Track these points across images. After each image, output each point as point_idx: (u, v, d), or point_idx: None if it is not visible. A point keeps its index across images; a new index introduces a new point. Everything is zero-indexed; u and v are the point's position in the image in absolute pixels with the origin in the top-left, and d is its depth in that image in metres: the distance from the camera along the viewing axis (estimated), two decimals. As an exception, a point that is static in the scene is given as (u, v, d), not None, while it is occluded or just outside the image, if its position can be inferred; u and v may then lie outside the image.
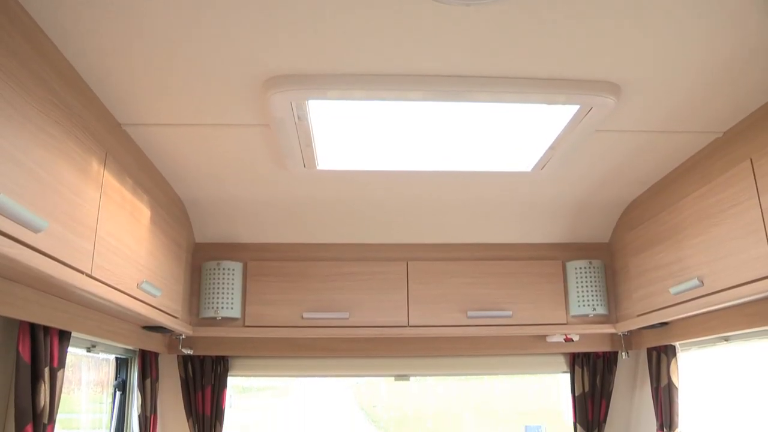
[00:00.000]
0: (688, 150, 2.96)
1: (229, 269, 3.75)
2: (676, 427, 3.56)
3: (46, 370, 2.39)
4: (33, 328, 2.35)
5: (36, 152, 1.87)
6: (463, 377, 5.86)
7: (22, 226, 1.74)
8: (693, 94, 2.40)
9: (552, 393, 5.33)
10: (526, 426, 6.31)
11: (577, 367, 4.11)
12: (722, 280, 2.69)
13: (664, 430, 3.58)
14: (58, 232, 1.99)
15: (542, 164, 3.01)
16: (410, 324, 3.78)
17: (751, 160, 2.49)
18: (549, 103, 2.38)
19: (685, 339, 3.42)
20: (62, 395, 2.47)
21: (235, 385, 4.89)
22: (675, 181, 3.17)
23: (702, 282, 2.82)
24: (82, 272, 2.18)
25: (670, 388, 3.58)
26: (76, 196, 2.14)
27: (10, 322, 2.37)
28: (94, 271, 2.26)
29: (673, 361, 3.59)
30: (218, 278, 3.73)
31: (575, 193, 3.53)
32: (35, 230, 1.79)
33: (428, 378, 5.09)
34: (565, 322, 3.85)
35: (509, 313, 3.78)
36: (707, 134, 2.79)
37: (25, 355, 2.30)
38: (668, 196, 3.22)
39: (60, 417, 3.12)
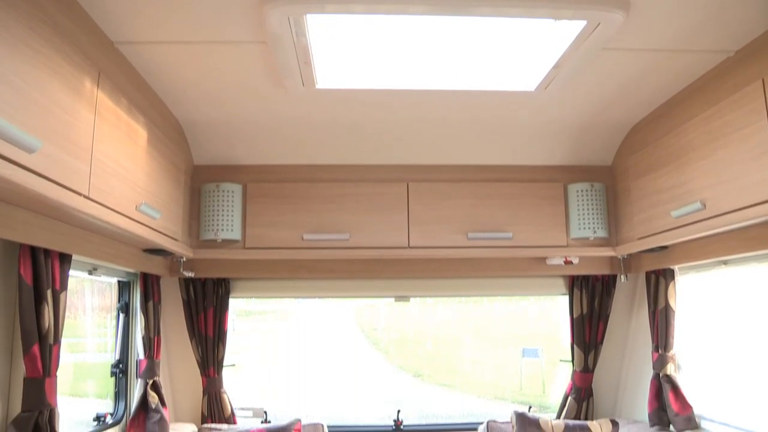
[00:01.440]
0: (697, 70, 2.88)
1: (228, 191, 3.73)
2: (671, 348, 3.63)
3: (49, 293, 2.41)
4: (34, 251, 2.35)
5: (25, 71, 1.81)
6: (462, 299, 5.93)
7: (15, 146, 1.70)
8: (705, 11, 2.31)
9: (550, 316, 5.40)
10: (523, 348, 6.45)
11: (576, 290, 4.15)
12: (725, 204, 2.67)
13: (660, 351, 3.65)
14: (52, 153, 1.95)
15: (546, 83, 2.94)
16: (410, 245, 3.79)
17: (762, 80, 2.42)
18: (555, 18, 2.29)
19: (685, 263, 3.43)
20: (68, 321, 2.50)
21: (237, 309, 4.96)
22: (681, 103, 3.10)
23: (704, 205, 2.80)
24: (79, 194, 2.16)
25: (667, 311, 3.62)
26: (69, 116, 2.09)
27: (10, 245, 2.37)
28: (91, 192, 2.24)
29: (671, 284, 3.62)
30: (218, 200, 3.71)
31: (579, 115, 3.47)
32: (29, 150, 1.76)
33: (428, 300, 5.14)
34: (565, 244, 3.85)
35: (509, 234, 3.78)
36: (718, 53, 2.70)
37: (27, 277, 2.31)
38: (673, 119, 3.16)
39: (67, 341, 3.17)
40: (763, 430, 2.98)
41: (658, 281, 3.69)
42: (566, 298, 4.24)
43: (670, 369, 3.61)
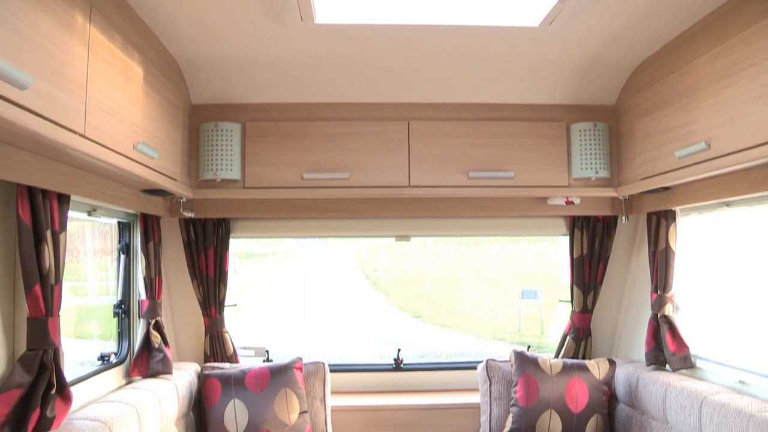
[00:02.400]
0: (708, 5, 2.79)
1: (227, 130, 3.68)
2: (670, 289, 3.65)
3: (48, 233, 2.39)
4: (31, 191, 2.33)
5: (13, 4, 1.75)
6: (462, 241, 5.94)
7: (5, 81, 1.66)
8: None
9: (549, 258, 5.42)
10: (522, 290, 6.50)
11: (576, 230, 4.15)
12: (730, 144, 2.63)
13: (658, 292, 3.67)
14: (45, 90, 1.91)
15: (551, 18, 2.86)
16: (411, 184, 3.77)
17: None
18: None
19: (687, 204, 3.41)
20: (70, 264, 2.50)
21: (239, 251, 4.97)
22: (689, 41, 3.02)
23: (709, 145, 2.76)
24: (75, 132, 2.12)
25: (667, 253, 3.63)
26: (61, 53, 2.04)
27: (8, 186, 2.34)
28: (87, 131, 2.20)
29: (672, 225, 3.61)
30: (216, 140, 3.67)
31: (583, 52, 3.40)
32: (20, 87, 1.71)
33: (428, 241, 5.14)
34: (567, 184, 3.83)
35: (511, 174, 3.75)
36: None
37: (26, 218, 2.30)
38: (680, 56, 3.08)
39: (69, 284, 3.18)
40: (757, 370, 3.01)
41: (659, 222, 3.68)
42: (567, 239, 4.24)
43: (668, 310, 3.63)
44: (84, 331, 3.59)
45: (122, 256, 3.63)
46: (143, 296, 3.61)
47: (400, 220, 4.19)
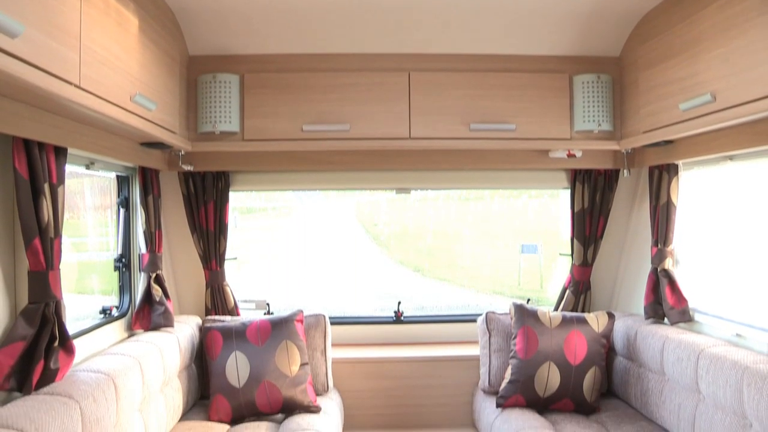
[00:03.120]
0: None
1: (225, 82, 3.63)
2: (670, 243, 3.65)
3: (46, 186, 2.38)
4: (27, 144, 2.30)
5: None
6: (462, 196, 5.92)
7: None
8: None
9: (549, 213, 5.42)
10: (522, 244, 6.52)
11: (577, 184, 4.13)
12: (736, 96, 2.59)
13: (659, 246, 3.67)
14: (37, 39, 1.87)
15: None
16: (412, 136, 3.73)
17: None
18: None
19: (690, 157, 3.38)
20: (70, 221, 2.49)
21: (239, 206, 4.96)
22: None
23: (714, 97, 2.72)
24: (70, 83, 2.08)
25: (669, 207, 3.61)
26: (53, 0, 1.98)
27: (4, 139, 2.31)
28: (82, 82, 2.16)
29: (674, 179, 3.59)
30: (215, 91, 3.61)
31: (587, 1, 3.32)
32: (11, 35, 1.67)
33: (429, 195, 5.12)
34: (569, 137, 3.79)
35: (513, 126, 3.71)
36: None
37: (23, 171, 2.28)
38: (687, 6, 3.01)
39: (71, 241, 3.18)
40: (754, 323, 3.03)
41: (661, 176, 3.66)
42: (567, 192, 4.23)
43: (668, 264, 3.64)
44: (86, 286, 3.60)
45: (122, 210, 3.62)
46: (143, 250, 3.61)
47: (401, 173, 4.17)
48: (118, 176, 3.58)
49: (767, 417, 2.49)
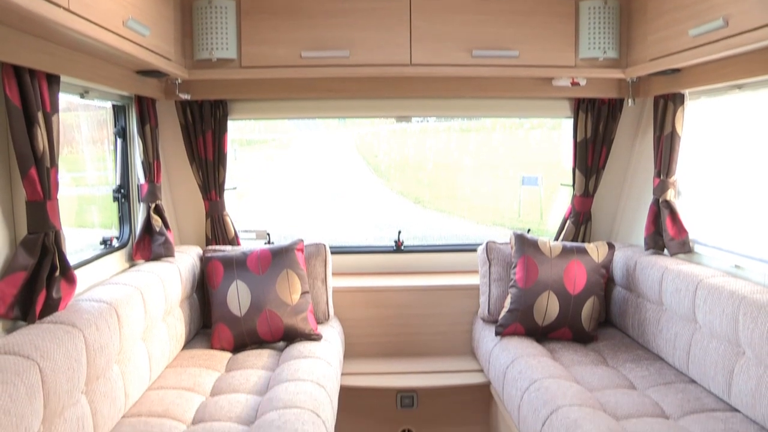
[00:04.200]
0: None
1: (221, 7, 3.50)
2: (673, 174, 3.62)
3: (40, 115, 2.33)
4: (18, 72, 2.23)
5: None
6: (463, 126, 5.86)
7: None
8: None
9: (550, 145, 5.37)
10: (523, 176, 6.49)
11: (581, 113, 4.06)
12: (749, 20, 2.50)
13: (661, 177, 3.64)
14: (24, -41, 1.78)
15: None
16: (413, 63, 3.64)
17: None
18: None
19: (697, 86, 3.31)
20: (68, 155, 2.44)
21: (239, 139, 4.90)
22: None
23: (726, 22, 2.62)
24: (59, 6, 2.00)
25: (673, 137, 3.57)
26: None
27: None
28: (71, 5, 2.08)
29: (679, 109, 3.53)
30: (211, 17, 3.50)
31: None
32: None
33: (429, 126, 5.06)
34: (573, 65, 3.70)
35: (516, 53, 3.62)
36: None
37: (14, 98, 2.22)
38: None
39: (70, 175, 3.15)
40: (753, 254, 3.04)
41: (666, 106, 3.60)
42: (570, 122, 4.17)
43: (669, 195, 3.62)
44: (86, 220, 3.59)
45: (119, 140, 3.57)
46: (142, 180, 3.59)
47: (401, 101, 4.10)
48: (114, 105, 3.51)
49: (760, 345, 2.53)
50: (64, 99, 2.97)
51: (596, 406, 2.77)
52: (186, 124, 3.92)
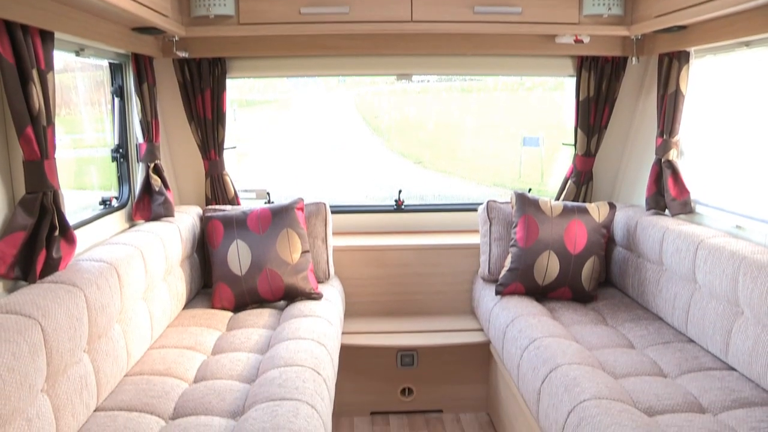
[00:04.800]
0: None
1: (219, -39, 3.44)
2: (676, 134, 3.58)
3: (34, 72, 2.29)
4: (11, 28, 2.19)
5: None
6: (464, 86, 5.79)
7: None
8: None
9: (552, 105, 5.31)
10: (524, 137, 6.44)
11: (584, 71, 4.01)
12: None
13: (664, 137, 3.61)
14: None
15: None
16: (413, 19, 3.57)
17: None
18: None
19: (703, 44, 3.25)
20: (66, 117, 2.40)
21: (238, 99, 4.85)
22: None
23: (734, -24, 2.57)
24: None
25: (677, 96, 3.52)
26: None
27: None
28: None
29: (684, 68, 3.48)
30: (207, -29, 3.43)
31: None
32: None
33: (430, 86, 5.00)
34: (577, 21, 3.63)
35: (518, 9, 3.55)
36: None
37: (7, 55, 2.18)
38: None
39: (69, 137, 3.11)
40: (755, 215, 3.02)
41: (671, 64, 3.54)
42: (573, 80, 4.11)
43: (672, 155, 3.59)
44: (85, 182, 3.58)
45: (116, 99, 3.53)
46: (140, 140, 3.56)
47: (402, 58, 4.04)
48: (110, 64, 3.46)
49: (759, 305, 2.54)
50: (60, 58, 2.92)
51: (595, 365, 2.79)
52: (184, 82, 3.87)
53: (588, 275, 3.62)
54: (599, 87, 4.02)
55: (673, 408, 2.43)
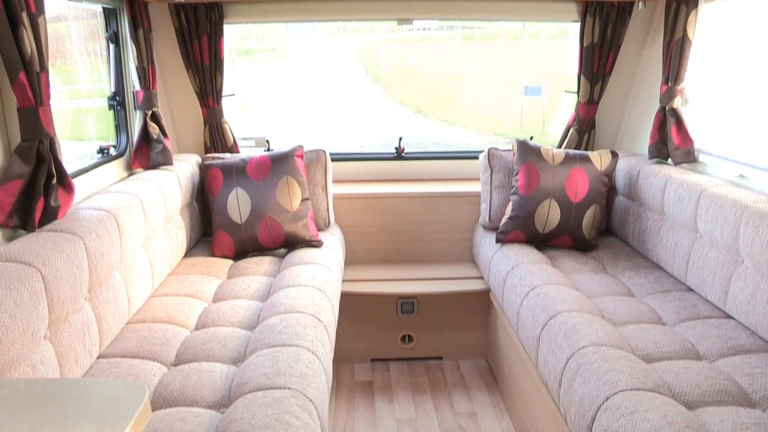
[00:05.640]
0: None
1: None
2: (682, 81, 3.52)
3: (24, 16, 2.23)
4: None
5: None
6: (466, 34, 5.67)
7: None
8: None
9: (555, 52, 5.22)
10: (525, 86, 6.34)
11: (588, 17, 3.92)
12: None
13: (669, 84, 3.55)
14: None
15: None
16: None
17: None
18: None
19: (711, -14, 3.18)
20: (61, 67, 2.35)
21: (236, 48, 4.77)
22: None
23: None
24: None
25: (683, 42, 3.45)
26: None
27: None
28: None
29: (692, 13, 3.40)
30: None
31: None
32: None
33: (431, 35, 4.89)
34: None
35: None
36: None
37: None
38: None
39: (66, 88, 3.06)
40: (758, 163, 3.00)
41: (678, 10, 3.46)
42: (577, 26, 4.03)
43: (677, 103, 3.54)
44: (83, 133, 3.53)
45: (111, 46, 3.46)
46: (137, 87, 3.51)
47: (402, 2, 3.96)
48: (104, 9, 3.38)
49: (760, 254, 2.53)
50: (53, 6, 2.85)
51: (594, 312, 2.81)
52: (180, 28, 3.79)
53: (589, 224, 3.62)
54: (604, 33, 3.93)
55: (670, 355, 2.46)
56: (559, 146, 4.25)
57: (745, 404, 2.12)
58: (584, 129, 4.15)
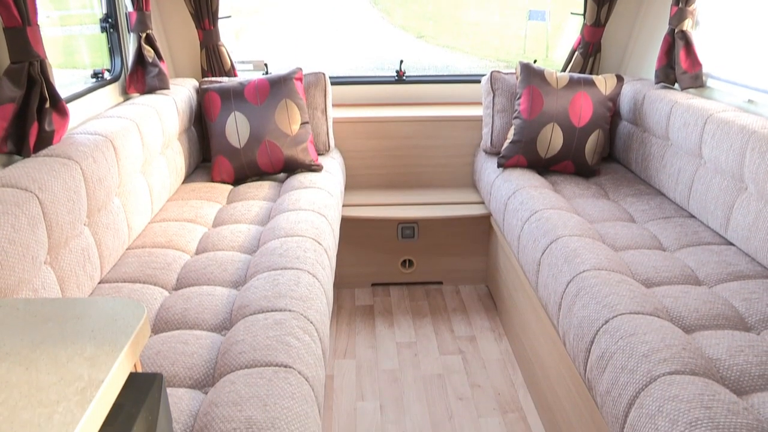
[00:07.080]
0: None
1: None
2: (693, 2, 3.40)
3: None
4: None
5: None
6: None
7: None
8: None
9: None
10: (530, 11, 6.18)
11: (598, -67, 3.77)
12: None
13: (680, 5, 3.43)
14: None
15: None
16: None
17: None
18: None
19: None
20: None
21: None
22: None
23: None
24: None
25: (696, -42, 3.33)
26: None
27: None
28: None
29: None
30: None
31: None
32: None
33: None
34: None
35: None
36: None
37: None
38: None
39: (53, 15, 2.95)
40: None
41: (692, -77, 3.32)
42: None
43: (687, 24, 3.44)
44: (76, 61, 3.45)
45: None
46: (130, 8, 3.39)
47: None
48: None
49: (764, 180, 2.51)
50: None
51: (595, 237, 2.81)
52: (173, -56, 3.65)
53: (592, 149, 3.57)
54: (613, -50, 3.79)
55: (670, 280, 2.47)
56: (564, 70, 4.16)
57: (741, 328, 2.15)
58: (589, 52, 4.04)
